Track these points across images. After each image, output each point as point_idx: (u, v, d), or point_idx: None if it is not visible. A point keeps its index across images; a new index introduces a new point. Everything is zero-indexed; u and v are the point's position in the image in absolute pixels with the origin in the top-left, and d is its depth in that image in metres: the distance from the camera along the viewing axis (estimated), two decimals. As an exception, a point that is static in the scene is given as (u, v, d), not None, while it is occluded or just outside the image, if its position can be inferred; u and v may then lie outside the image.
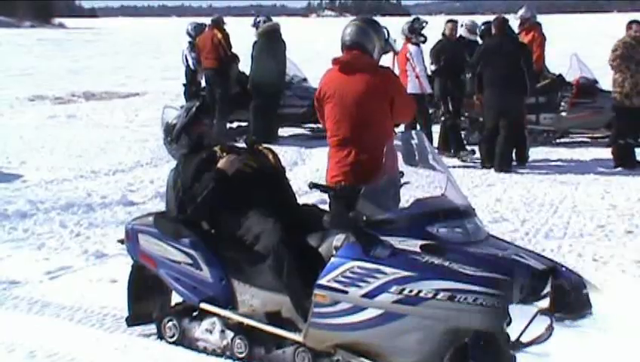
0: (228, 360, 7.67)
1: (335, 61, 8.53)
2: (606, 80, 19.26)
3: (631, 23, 17.23)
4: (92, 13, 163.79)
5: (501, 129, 16.89)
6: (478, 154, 17.84)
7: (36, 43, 66.76)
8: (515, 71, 16.75)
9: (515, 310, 6.34)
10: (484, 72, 17.12)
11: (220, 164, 8.00)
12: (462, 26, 20.46)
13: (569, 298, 6.62)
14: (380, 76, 8.45)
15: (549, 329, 7.00)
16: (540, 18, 20.54)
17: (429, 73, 18.39)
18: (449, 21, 19.50)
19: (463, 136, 18.97)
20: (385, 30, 9.06)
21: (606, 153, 18.28)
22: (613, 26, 20.66)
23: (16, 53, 54.75)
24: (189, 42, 22.23)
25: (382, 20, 9.45)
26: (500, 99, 16.85)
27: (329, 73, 8.60)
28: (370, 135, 8.18)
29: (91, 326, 8.64)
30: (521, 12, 18.62)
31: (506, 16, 18.36)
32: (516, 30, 18.87)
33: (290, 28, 20.38)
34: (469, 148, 18.34)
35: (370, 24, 8.58)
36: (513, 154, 17.37)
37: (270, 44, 20.23)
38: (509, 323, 6.46)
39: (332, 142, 8.45)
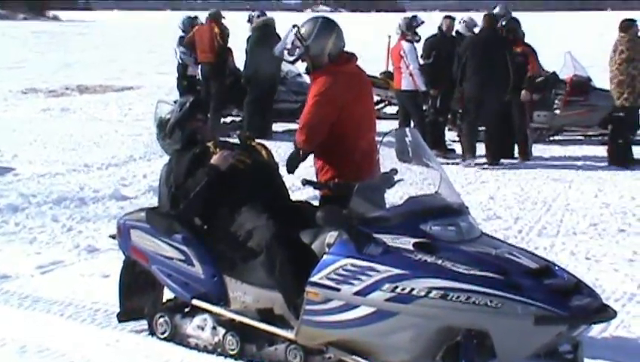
0: (220, 357, 7.66)
1: (352, 61, 8.39)
2: (600, 77, 19.36)
3: (630, 21, 17.31)
4: (87, 6, 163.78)
5: (487, 124, 17.10)
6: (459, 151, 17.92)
7: (30, 36, 66.90)
8: (498, 66, 16.96)
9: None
10: (467, 65, 17.23)
11: (214, 159, 8.00)
12: (460, 22, 20.45)
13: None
14: (366, 79, 8.56)
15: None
16: (533, 16, 20.55)
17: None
18: (447, 17, 19.58)
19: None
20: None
21: (600, 151, 18.40)
22: (606, 24, 20.62)
23: (10, 45, 54.79)
24: (180, 37, 22.19)
25: (378, 16, 9.37)
26: (481, 92, 17.07)
27: (345, 77, 8.25)
28: (370, 135, 8.25)
29: (82, 322, 8.64)
30: (496, 10, 18.62)
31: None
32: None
33: (285, 23, 20.42)
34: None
35: (335, 24, 8.39)
36: (516, 151, 17.51)
37: (264, 38, 20.10)
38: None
39: (343, 146, 8.17)
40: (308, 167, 8.14)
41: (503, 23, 17.84)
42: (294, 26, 8.34)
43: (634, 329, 8.46)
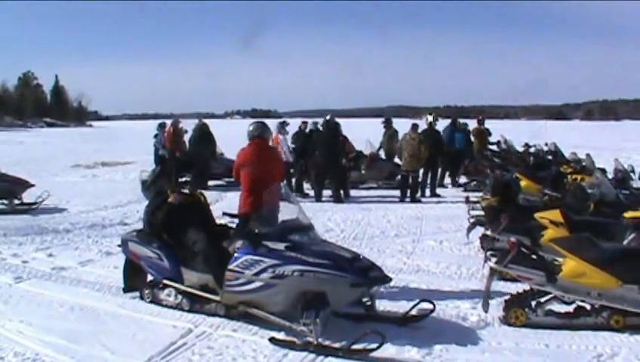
0: (179, 312, 7.57)
1: (251, 144, 8.34)
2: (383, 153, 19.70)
3: (416, 125, 17.74)
4: (108, 118, 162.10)
5: (333, 181, 17.16)
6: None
7: (77, 135, 66.00)
8: (332, 149, 17.07)
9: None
10: (316, 149, 17.38)
11: (170, 198, 8.08)
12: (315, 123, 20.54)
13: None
14: (273, 154, 8.46)
15: (429, 311, 7.24)
16: (351, 120, 20.72)
17: (291, 150, 18.40)
18: (303, 122, 19.58)
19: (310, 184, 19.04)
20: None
21: (385, 192, 18.58)
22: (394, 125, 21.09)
23: (65, 140, 53.95)
24: (155, 134, 21.94)
25: (266, 120, 9.40)
26: (323, 164, 17.10)
27: (245, 150, 8.34)
28: (266, 185, 8.13)
29: (105, 292, 8.48)
30: (328, 117, 18.74)
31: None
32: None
33: (215, 125, 20.50)
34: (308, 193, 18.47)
35: (264, 126, 8.49)
36: (342, 194, 17.55)
37: (201, 133, 20.39)
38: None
39: (247, 189, 8.19)
40: (226, 206, 8.06)
41: (324, 125, 17.98)
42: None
43: (401, 286, 8.58)
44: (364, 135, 21.99)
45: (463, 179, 20.49)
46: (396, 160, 19.21)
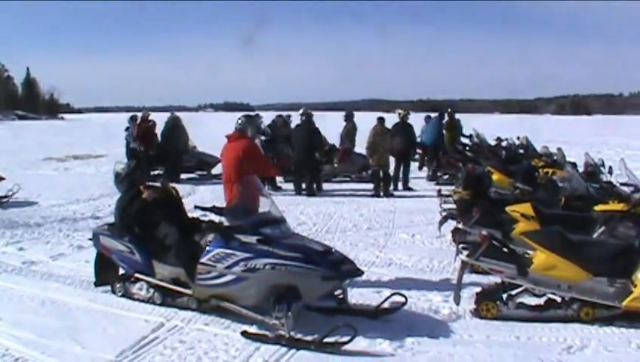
0: (150, 306, 7.54)
1: (227, 138, 8.47)
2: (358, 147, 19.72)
3: (382, 118, 17.63)
4: (80, 111, 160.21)
5: (306, 174, 17.11)
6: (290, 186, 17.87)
7: (48, 128, 65.28)
8: (310, 143, 17.02)
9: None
10: (295, 142, 17.32)
11: (144, 195, 7.96)
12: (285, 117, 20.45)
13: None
14: (244, 146, 8.36)
15: (401, 304, 7.33)
16: (325, 113, 20.69)
17: (263, 144, 18.31)
18: (278, 116, 19.57)
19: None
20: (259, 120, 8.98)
21: (358, 186, 18.58)
22: (366, 120, 20.99)
23: (37, 133, 53.34)
24: (127, 127, 21.72)
25: (239, 113, 9.42)
26: (302, 158, 17.07)
27: (224, 146, 8.45)
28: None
29: (76, 287, 8.42)
30: (301, 111, 18.71)
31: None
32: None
33: (187, 117, 20.44)
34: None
35: (248, 119, 8.52)
36: (315, 187, 17.48)
37: (173, 127, 20.26)
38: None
39: (224, 183, 8.33)
40: (198, 199, 8.03)
41: (303, 118, 17.86)
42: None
43: (373, 279, 8.61)
44: (337, 129, 21.94)
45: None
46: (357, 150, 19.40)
